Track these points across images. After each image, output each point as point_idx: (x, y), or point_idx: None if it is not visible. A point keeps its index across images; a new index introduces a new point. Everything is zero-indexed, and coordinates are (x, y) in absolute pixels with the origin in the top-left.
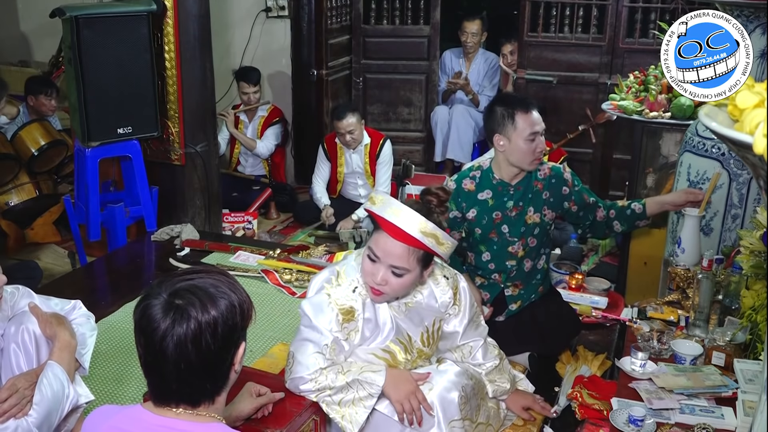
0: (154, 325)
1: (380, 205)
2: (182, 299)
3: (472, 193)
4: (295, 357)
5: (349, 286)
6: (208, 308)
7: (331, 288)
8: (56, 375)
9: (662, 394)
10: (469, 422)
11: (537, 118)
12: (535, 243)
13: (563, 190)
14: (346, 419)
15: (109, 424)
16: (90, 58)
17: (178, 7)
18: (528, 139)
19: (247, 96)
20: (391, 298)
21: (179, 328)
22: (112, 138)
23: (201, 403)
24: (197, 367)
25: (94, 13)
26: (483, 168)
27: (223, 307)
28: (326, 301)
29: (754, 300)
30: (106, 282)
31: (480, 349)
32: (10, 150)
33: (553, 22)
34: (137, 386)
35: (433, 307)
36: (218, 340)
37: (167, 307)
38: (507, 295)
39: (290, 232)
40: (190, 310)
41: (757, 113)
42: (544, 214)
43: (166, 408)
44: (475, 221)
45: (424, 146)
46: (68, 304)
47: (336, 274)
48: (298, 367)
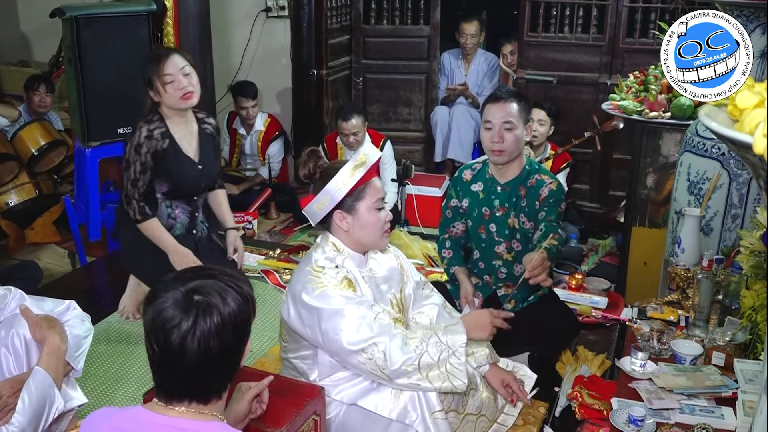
0: (173, 323)
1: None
2: (201, 294)
3: (467, 183)
4: (377, 347)
5: (332, 269)
6: (227, 301)
7: (320, 277)
8: (41, 382)
9: (662, 394)
10: (454, 413)
11: (500, 109)
12: (520, 248)
13: (535, 204)
14: (450, 377)
15: (109, 424)
16: (90, 58)
17: (178, 7)
18: (485, 128)
19: (245, 110)
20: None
21: (203, 323)
22: (112, 138)
23: (211, 399)
24: (217, 361)
25: (94, 13)
26: (485, 162)
27: (240, 299)
28: (331, 289)
29: (754, 300)
30: (106, 282)
31: (440, 315)
32: (10, 150)
33: (553, 22)
34: (136, 386)
35: (390, 276)
36: (237, 333)
37: (187, 304)
38: (500, 295)
39: (290, 232)
40: (213, 304)
41: (757, 113)
42: (522, 221)
43: (170, 407)
44: (467, 212)
45: (424, 146)
46: (62, 305)
47: (311, 271)
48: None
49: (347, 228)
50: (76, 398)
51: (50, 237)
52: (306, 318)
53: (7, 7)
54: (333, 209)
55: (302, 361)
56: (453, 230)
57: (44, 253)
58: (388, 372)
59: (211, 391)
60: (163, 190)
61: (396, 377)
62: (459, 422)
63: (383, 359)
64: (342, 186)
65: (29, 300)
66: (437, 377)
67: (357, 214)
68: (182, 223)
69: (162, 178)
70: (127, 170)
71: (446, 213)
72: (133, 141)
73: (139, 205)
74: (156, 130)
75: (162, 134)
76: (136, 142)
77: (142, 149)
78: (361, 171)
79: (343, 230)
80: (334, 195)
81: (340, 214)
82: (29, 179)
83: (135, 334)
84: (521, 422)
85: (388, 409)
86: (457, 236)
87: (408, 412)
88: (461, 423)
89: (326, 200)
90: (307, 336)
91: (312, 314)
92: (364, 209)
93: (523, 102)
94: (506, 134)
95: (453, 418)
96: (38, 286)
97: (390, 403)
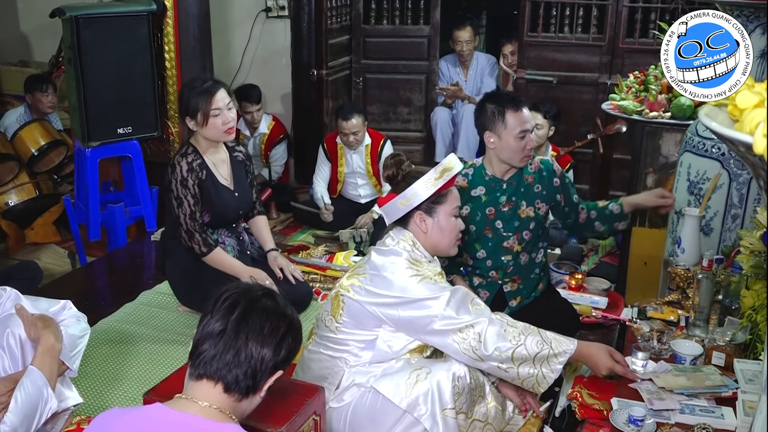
0: (255, 294)
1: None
2: (272, 300)
3: (465, 190)
4: (474, 328)
5: (427, 262)
6: (288, 315)
7: (420, 269)
8: (34, 382)
9: (663, 394)
10: (464, 416)
11: (527, 115)
12: (530, 237)
13: (554, 182)
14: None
15: (123, 419)
16: (90, 58)
17: (178, 7)
18: (518, 137)
19: (250, 115)
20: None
21: (264, 315)
22: (112, 138)
23: (232, 391)
24: (250, 354)
25: (94, 13)
26: (475, 165)
27: (293, 334)
28: (431, 279)
29: (754, 300)
30: (106, 282)
31: None
32: (10, 150)
33: (553, 22)
34: (134, 387)
35: None
36: (277, 354)
37: (259, 297)
38: (506, 291)
39: (290, 232)
40: (283, 309)
41: (757, 113)
42: (538, 207)
43: (193, 400)
44: (469, 218)
45: (424, 146)
46: (57, 305)
47: (409, 263)
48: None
49: (426, 230)
50: (72, 398)
51: (50, 237)
52: (403, 304)
53: (7, 7)
54: (414, 210)
55: (356, 344)
56: None
57: (44, 253)
58: (480, 353)
59: (234, 383)
60: (205, 221)
61: (488, 360)
62: (467, 426)
63: (477, 341)
64: (431, 186)
65: (24, 300)
66: (527, 373)
67: (437, 217)
68: (232, 246)
69: (204, 209)
70: (180, 206)
71: None
72: (176, 177)
73: (202, 237)
74: (194, 162)
75: (199, 165)
76: (180, 177)
77: (188, 182)
78: (448, 176)
79: (421, 231)
80: (421, 194)
81: (420, 216)
82: (29, 179)
83: (134, 334)
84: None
85: (400, 397)
86: None
87: (418, 405)
88: (469, 428)
89: (412, 198)
90: (397, 318)
91: (411, 301)
92: (444, 214)
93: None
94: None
95: (462, 420)
96: (38, 286)
97: (403, 391)
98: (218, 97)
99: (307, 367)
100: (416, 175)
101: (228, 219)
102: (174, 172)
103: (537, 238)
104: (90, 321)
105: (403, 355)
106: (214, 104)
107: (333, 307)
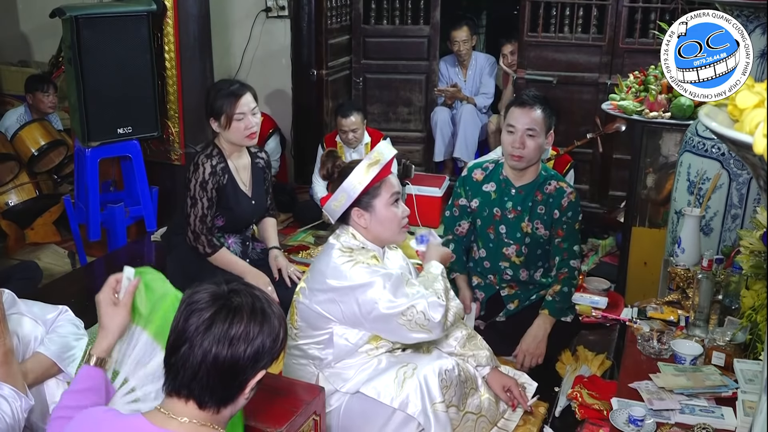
0: (200, 306)
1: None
2: (239, 297)
3: (478, 182)
4: (416, 308)
5: (359, 249)
6: (259, 322)
7: (352, 255)
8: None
9: (663, 394)
10: (455, 409)
11: (531, 115)
12: (527, 252)
13: (554, 213)
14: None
15: (103, 429)
16: (90, 58)
17: (178, 7)
18: (507, 131)
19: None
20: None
21: (221, 323)
22: (112, 138)
23: (206, 406)
24: (220, 367)
25: (94, 13)
26: (498, 162)
27: (268, 330)
28: (363, 264)
29: (754, 300)
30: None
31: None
32: (10, 150)
33: (553, 22)
34: None
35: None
36: (250, 356)
37: (222, 300)
38: (503, 295)
39: (290, 232)
40: (241, 310)
41: (757, 113)
42: (536, 227)
43: (172, 416)
44: (477, 212)
45: (424, 146)
46: (54, 311)
47: (340, 252)
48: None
49: (365, 225)
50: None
51: (50, 237)
52: (339, 295)
53: (7, 7)
54: (350, 207)
55: (315, 346)
56: (459, 229)
57: (44, 253)
58: (431, 327)
59: (207, 399)
60: (218, 225)
61: (440, 329)
62: (459, 419)
63: (423, 318)
64: (357, 184)
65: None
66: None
67: (374, 211)
68: (235, 251)
69: (220, 214)
70: (194, 207)
71: (452, 212)
72: (197, 177)
73: (208, 239)
74: (218, 166)
75: (222, 170)
76: (201, 178)
77: (208, 185)
78: (376, 169)
79: (361, 226)
80: (350, 193)
81: (357, 212)
82: (29, 179)
83: None
84: (521, 422)
85: (391, 397)
86: (462, 236)
87: (410, 402)
88: (461, 420)
89: (343, 198)
90: (339, 313)
91: (346, 290)
92: (381, 206)
93: (549, 109)
94: (528, 141)
95: (453, 413)
96: (38, 286)
97: (393, 390)
98: (244, 101)
99: (288, 375)
100: (348, 171)
101: (241, 225)
102: (196, 172)
103: (537, 257)
104: (89, 321)
105: (382, 353)
106: (239, 108)
107: (290, 314)
